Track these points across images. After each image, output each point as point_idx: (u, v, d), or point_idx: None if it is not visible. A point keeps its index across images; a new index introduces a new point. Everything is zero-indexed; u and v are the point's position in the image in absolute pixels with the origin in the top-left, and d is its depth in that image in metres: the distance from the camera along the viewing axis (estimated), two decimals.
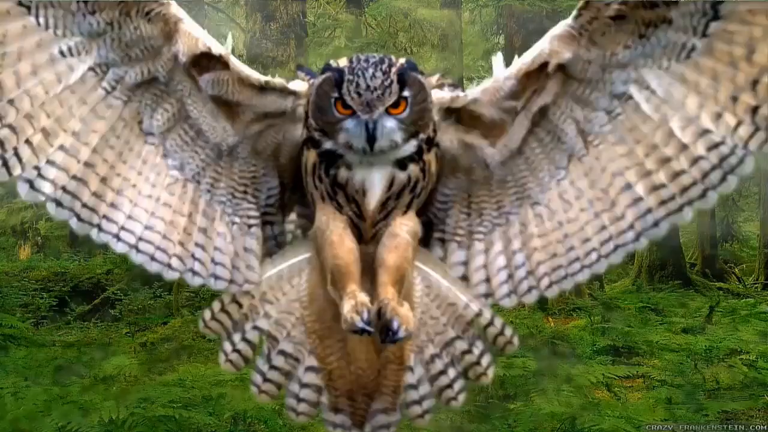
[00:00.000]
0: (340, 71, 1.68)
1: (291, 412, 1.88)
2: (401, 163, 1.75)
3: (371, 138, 1.67)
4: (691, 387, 6.52)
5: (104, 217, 1.74)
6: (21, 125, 1.65)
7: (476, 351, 1.87)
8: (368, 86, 1.65)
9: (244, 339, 1.86)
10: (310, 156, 1.78)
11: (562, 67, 1.73)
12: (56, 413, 4.90)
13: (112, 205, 1.74)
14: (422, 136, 1.75)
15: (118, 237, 1.75)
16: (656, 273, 12.78)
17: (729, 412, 5.93)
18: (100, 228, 1.74)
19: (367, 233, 1.82)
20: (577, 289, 10.38)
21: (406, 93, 1.68)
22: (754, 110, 1.61)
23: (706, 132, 1.65)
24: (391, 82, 1.66)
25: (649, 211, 1.73)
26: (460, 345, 1.87)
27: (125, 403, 5.08)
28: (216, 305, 1.87)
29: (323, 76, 1.71)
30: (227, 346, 1.86)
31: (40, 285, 10.13)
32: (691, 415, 5.68)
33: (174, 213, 1.80)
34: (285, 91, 1.82)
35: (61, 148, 1.69)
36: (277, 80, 1.82)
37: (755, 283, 13.72)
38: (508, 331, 1.87)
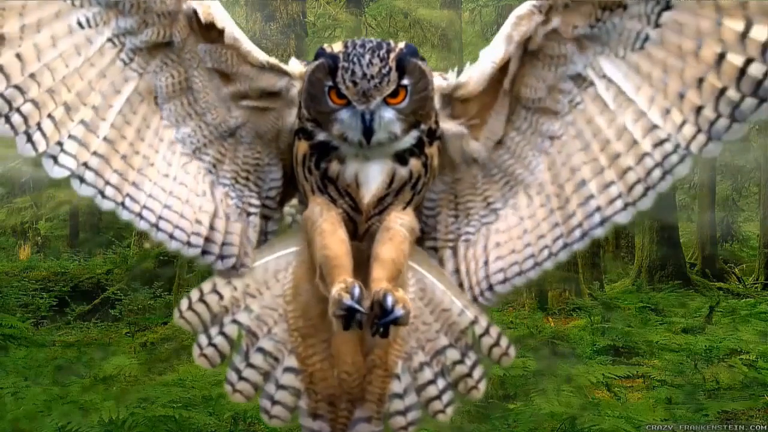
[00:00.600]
0: (334, 57, 1.59)
1: (264, 414, 1.80)
2: (401, 157, 1.68)
3: (368, 130, 1.60)
4: (691, 387, 6.52)
5: (127, 195, 1.73)
6: (43, 100, 1.63)
7: (468, 362, 1.78)
8: (365, 74, 1.57)
9: (222, 333, 1.78)
10: (301, 146, 1.71)
11: (525, 46, 1.70)
12: (56, 413, 4.90)
13: (134, 184, 1.73)
14: (423, 127, 1.68)
15: (140, 215, 1.74)
16: (656, 273, 12.78)
17: (729, 412, 5.93)
18: (123, 206, 1.73)
19: (362, 228, 1.74)
20: (577, 289, 10.40)
21: (405, 81, 1.60)
22: (698, 110, 1.61)
23: (654, 127, 1.65)
24: (390, 69, 1.58)
25: (597, 209, 1.72)
26: (452, 354, 1.78)
27: (125, 403, 5.08)
28: (194, 294, 1.80)
29: (316, 63, 1.63)
30: (203, 340, 1.78)
31: (40, 285, 10.14)
32: (691, 415, 5.68)
33: (189, 192, 1.78)
34: (279, 71, 1.76)
35: (82, 122, 1.68)
36: (273, 59, 1.76)
37: (755, 283, 13.71)
38: (504, 342, 1.78)
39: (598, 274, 11.84)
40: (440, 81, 1.76)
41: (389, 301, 1.52)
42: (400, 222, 1.72)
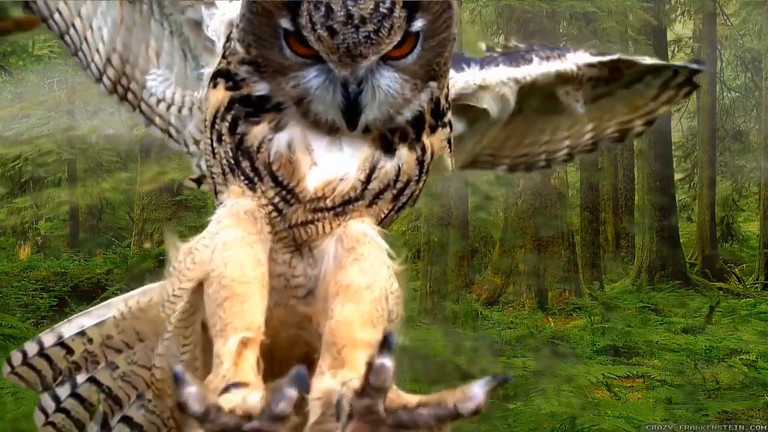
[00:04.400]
0: None
1: None
2: (386, 142, 1.12)
3: (352, 107, 1.06)
4: (691, 387, 6.52)
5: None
6: None
7: None
8: (350, 16, 0.98)
9: (75, 395, 1.37)
10: (216, 96, 1.16)
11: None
12: None
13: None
14: (434, 90, 1.13)
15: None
16: (656, 273, 12.77)
17: (729, 412, 5.93)
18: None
19: (299, 234, 1.13)
20: (577, 289, 10.40)
21: (418, 22, 1.04)
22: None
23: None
24: (393, 4, 1.00)
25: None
26: None
27: None
28: (31, 347, 1.38)
29: None
30: (47, 402, 1.38)
31: (40, 285, 10.13)
32: (691, 415, 5.67)
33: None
34: None
35: None
36: None
37: (755, 283, 13.70)
38: None
39: (598, 274, 11.85)
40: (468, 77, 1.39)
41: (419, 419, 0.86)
42: (371, 233, 1.13)
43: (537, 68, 1.43)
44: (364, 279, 1.06)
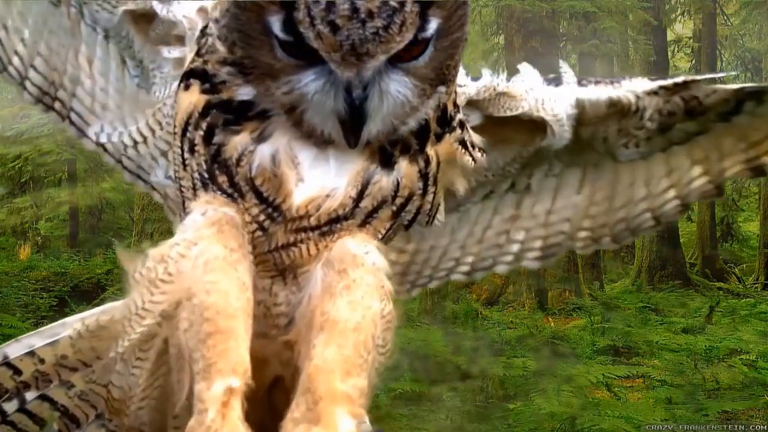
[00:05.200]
0: None
1: None
2: (385, 154, 1.00)
3: (357, 116, 0.92)
4: (691, 387, 6.52)
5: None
6: None
7: None
8: (355, 9, 0.86)
9: (23, 410, 1.27)
10: (188, 99, 1.01)
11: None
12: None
13: None
14: (441, 96, 1.02)
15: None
16: (656, 273, 12.77)
17: (729, 412, 5.93)
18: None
19: (281, 258, 1.00)
20: (577, 289, 10.39)
21: (432, 20, 0.92)
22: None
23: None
24: None
25: (492, 257, 1.41)
26: None
27: None
28: None
29: None
30: None
31: (40, 285, 10.13)
32: (691, 415, 5.68)
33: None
34: None
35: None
36: None
37: (755, 283, 13.70)
38: None
39: (598, 274, 11.84)
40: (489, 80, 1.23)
41: None
42: (365, 252, 1.00)
43: (581, 91, 1.24)
44: (352, 316, 0.94)
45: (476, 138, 1.18)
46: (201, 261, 0.95)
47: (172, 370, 0.98)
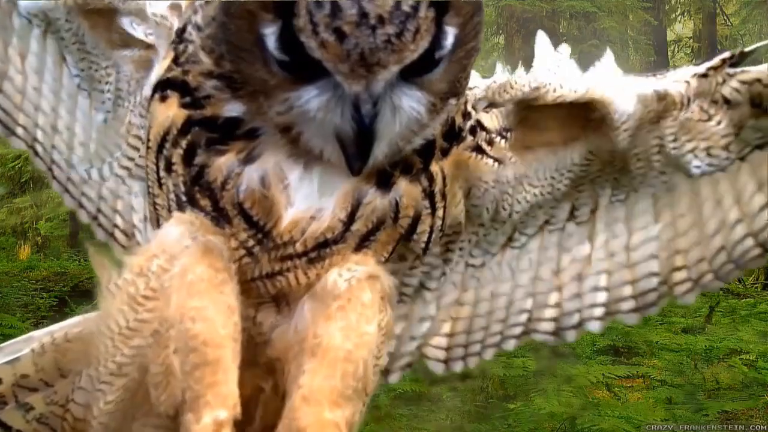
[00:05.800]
0: None
1: None
2: (383, 175, 0.91)
3: (364, 136, 0.81)
4: (691, 387, 6.52)
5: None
6: None
7: None
8: (364, 15, 0.76)
9: None
10: (165, 113, 0.91)
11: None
12: None
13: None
14: (451, 110, 0.94)
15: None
16: None
17: (729, 412, 5.93)
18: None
19: (265, 288, 0.93)
20: None
21: (449, 29, 0.83)
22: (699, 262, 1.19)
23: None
24: (418, 2, 0.78)
25: (577, 311, 1.29)
26: None
27: None
28: None
29: None
30: None
31: (40, 285, 10.13)
32: (691, 415, 5.68)
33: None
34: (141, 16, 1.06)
35: None
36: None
37: (755, 283, 13.68)
38: None
39: None
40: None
41: None
42: (359, 274, 0.92)
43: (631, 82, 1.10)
44: (344, 345, 0.87)
45: (497, 136, 1.08)
46: (185, 280, 0.87)
47: (150, 385, 0.93)
